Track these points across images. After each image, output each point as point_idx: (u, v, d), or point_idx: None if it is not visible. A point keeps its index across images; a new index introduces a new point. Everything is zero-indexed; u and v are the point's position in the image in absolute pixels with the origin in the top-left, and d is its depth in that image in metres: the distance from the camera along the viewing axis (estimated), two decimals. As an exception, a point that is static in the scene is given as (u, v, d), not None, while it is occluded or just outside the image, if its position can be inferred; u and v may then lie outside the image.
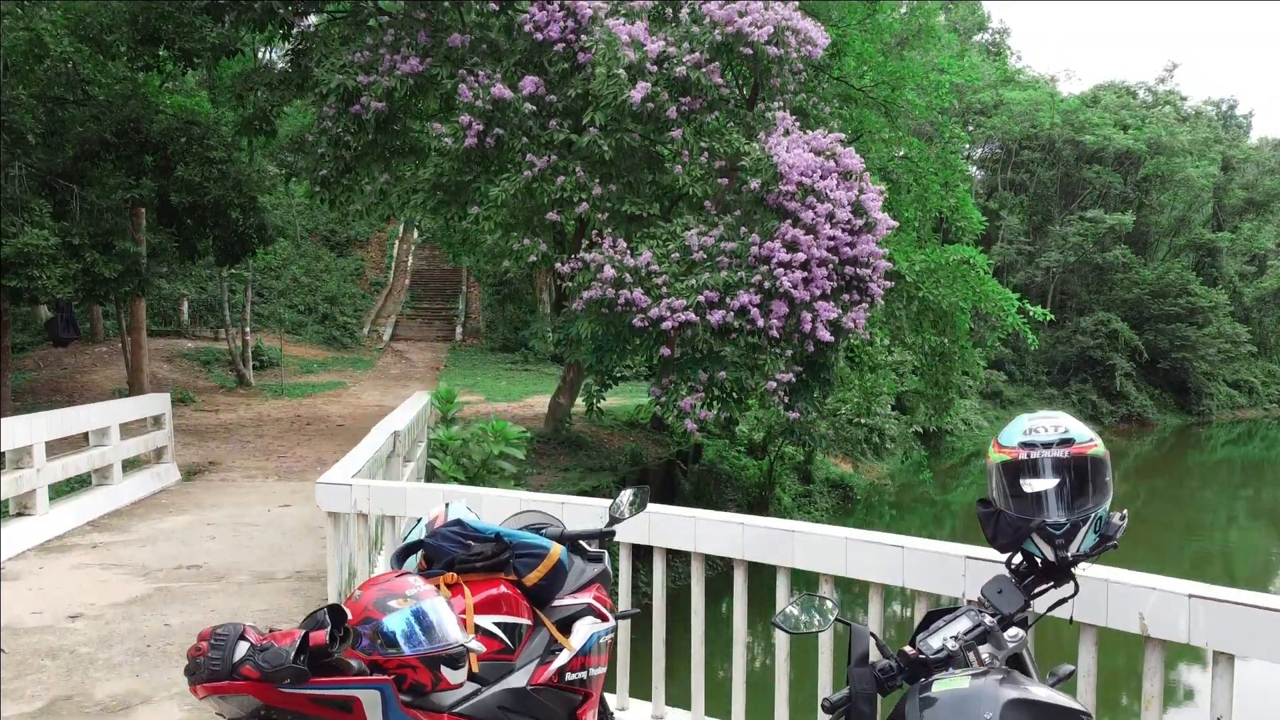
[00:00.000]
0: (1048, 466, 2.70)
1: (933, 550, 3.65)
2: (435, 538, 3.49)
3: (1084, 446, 2.73)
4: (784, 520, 4.23)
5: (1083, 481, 2.70)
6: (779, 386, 15.31)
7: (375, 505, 5.29)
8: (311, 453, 17.27)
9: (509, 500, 5.01)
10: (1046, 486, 2.71)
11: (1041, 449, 2.71)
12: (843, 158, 16.35)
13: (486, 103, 15.26)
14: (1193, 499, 50.35)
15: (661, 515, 4.42)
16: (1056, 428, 2.78)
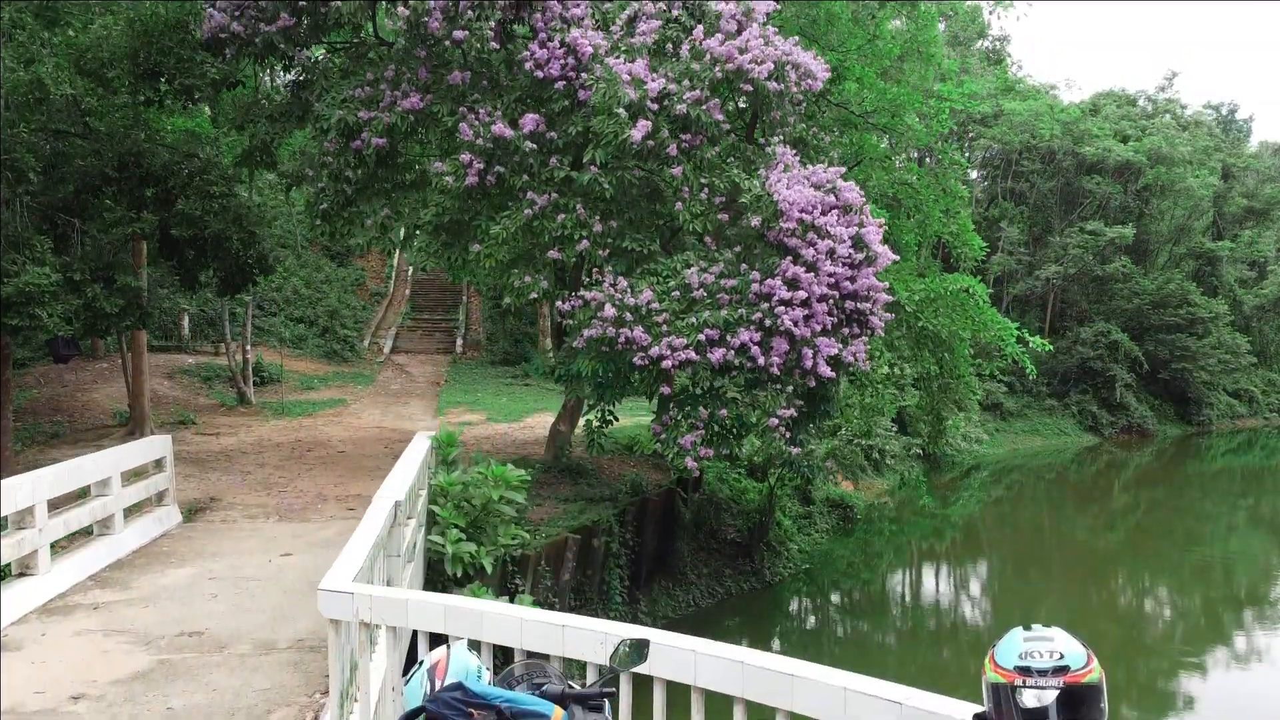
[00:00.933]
0: (1043, 695, 2.73)
1: (932, 711, 3.66)
2: (437, 704, 3.52)
3: (1079, 674, 2.76)
4: (786, 661, 4.23)
5: (1076, 707, 2.73)
6: (780, 423, 15.35)
7: (377, 615, 5.31)
8: (312, 486, 17.29)
9: (510, 621, 5.02)
10: (1041, 710, 2.74)
11: (1037, 676, 2.74)
12: (843, 192, 16.37)
13: (487, 140, 15.28)
14: (1193, 509, 50.36)
15: (661, 647, 4.43)
16: (1052, 653, 2.80)
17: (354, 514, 15.06)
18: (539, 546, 14.68)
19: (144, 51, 16.10)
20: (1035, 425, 50.51)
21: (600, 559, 16.89)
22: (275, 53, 17.21)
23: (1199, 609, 34.61)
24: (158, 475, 13.25)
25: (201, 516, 14.57)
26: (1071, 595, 33.75)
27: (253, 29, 16.85)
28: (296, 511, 14.97)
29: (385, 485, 9.21)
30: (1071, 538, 42.57)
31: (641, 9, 16.49)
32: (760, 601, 21.24)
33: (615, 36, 16.10)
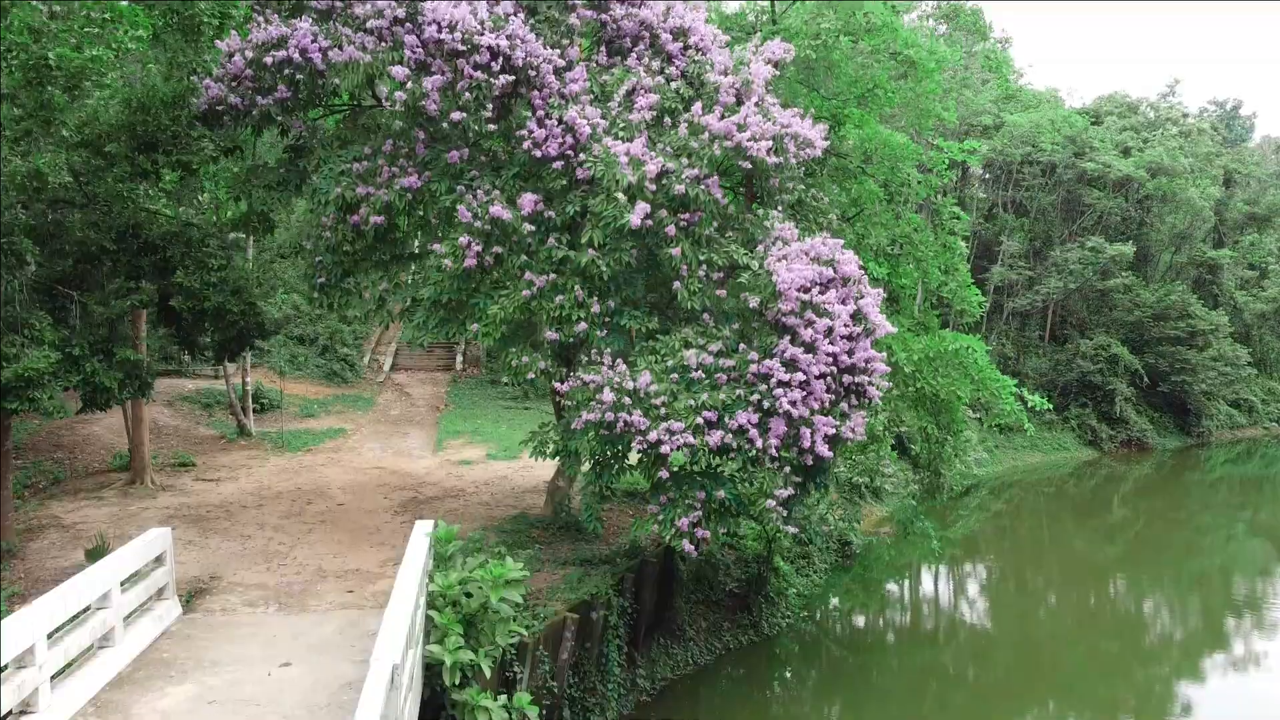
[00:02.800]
0: None
1: None
2: None
3: None
4: None
5: None
6: (777, 503, 15.41)
7: None
8: (311, 556, 17.33)
9: None
10: None
11: None
12: (842, 266, 16.36)
13: (485, 222, 15.28)
14: (1191, 520, 50.51)
15: None
16: None
17: (353, 598, 15.13)
18: (537, 632, 14.74)
19: (141, 125, 16.06)
20: (1035, 440, 50.49)
21: (599, 631, 16.95)
22: (272, 123, 17.20)
23: (1197, 618, 35.04)
24: (158, 571, 13.29)
25: (201, 603, 14.61)
26: (1072, 608, 34.11)
27: (250, 101, 16.84)
28: (295, 596, 15.00)
29: (381, 640, 9.22)
30: (1071, 551, 42.74)
31: (640, 82, 16.45)
32: (758, 655, 21.32)
33: (614, 111, 16.08)
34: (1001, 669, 27.21)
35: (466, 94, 15.21)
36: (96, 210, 16.72)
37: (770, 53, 18.38)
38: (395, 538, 18.95)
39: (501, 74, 15.31)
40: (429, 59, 15.35)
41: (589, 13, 16.72)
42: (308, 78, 16.66)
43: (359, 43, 15.97)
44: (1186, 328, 54.72)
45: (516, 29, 15.45)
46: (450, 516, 20.79)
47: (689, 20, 17.52)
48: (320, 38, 16.61)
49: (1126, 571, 39.83)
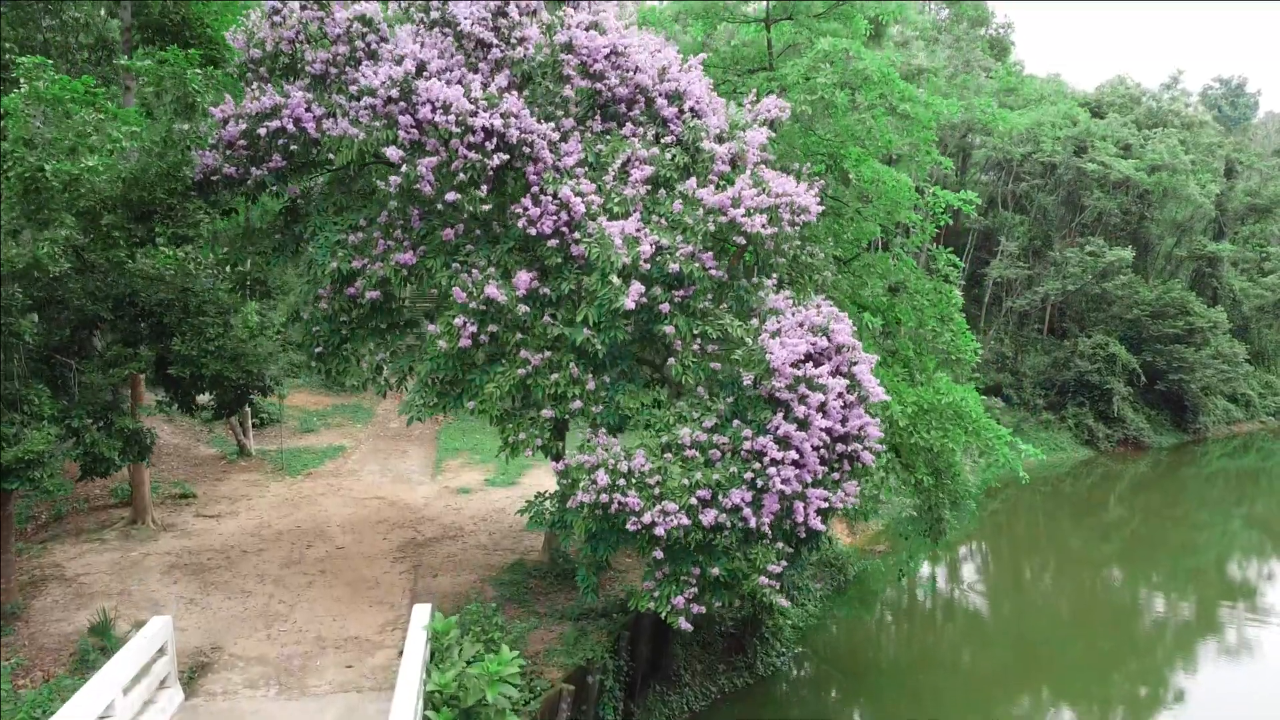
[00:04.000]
0: None
1: None
2: None
3: None
4: None
5: None
6: (770, 579, 15.61)
7: None
8: (312, 621, 17.55)
9: None
10: None
11: None
12: (835, 335, 16.46)
13: (480, 302, 15.34)
14: (1188, 517, 50.95)
15: None
16: None
17: (353, 675, 15.36)
18: (534, 711, 14.99)
19: (136, 198, 16.08)
20: (1031, 440, 50.58)
21: (595, 695, 17.22)
22: (266, 191, 17.21)
23: (1192, 609, 36.00)
24: (160, 662, 13.53)
25: (202, 683, 14.85)
26: (1068, 604, 34.88)
27: (244, 170, 16.84)
28: (295, 674, 15.24)
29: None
30: (1067, 549, 43.33)
31: (635, 154, 16.43)
32: (753, 698, 21.64)
33: (609, 185, 16.08)
34: (998, 663, 28.04)
35: (461, 174, 15.20)
36: (94, 279, 16.76)
37: (766, 111, 18.36)
38: (394, 593, 19.21)
39: (496, 153, 15.29)
40: (423, 138, 15.32)
41: (584, 82, 16.64)
42: (302, 147, 16.67)
43: (353, 114, 15.94)
44: (1185, 325, 54.74)
45: (511, 106, 15.40)
46: (449, 565, 21.05)
47: (684, 83, 17.42)
48: (314, 106, 16.60)
49: (1123, 567, 40.63)
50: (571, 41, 16.55)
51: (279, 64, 17.61)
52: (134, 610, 17.89)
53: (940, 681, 24.94)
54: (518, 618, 18.59)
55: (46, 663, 16.04)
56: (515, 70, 16.48)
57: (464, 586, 19.65)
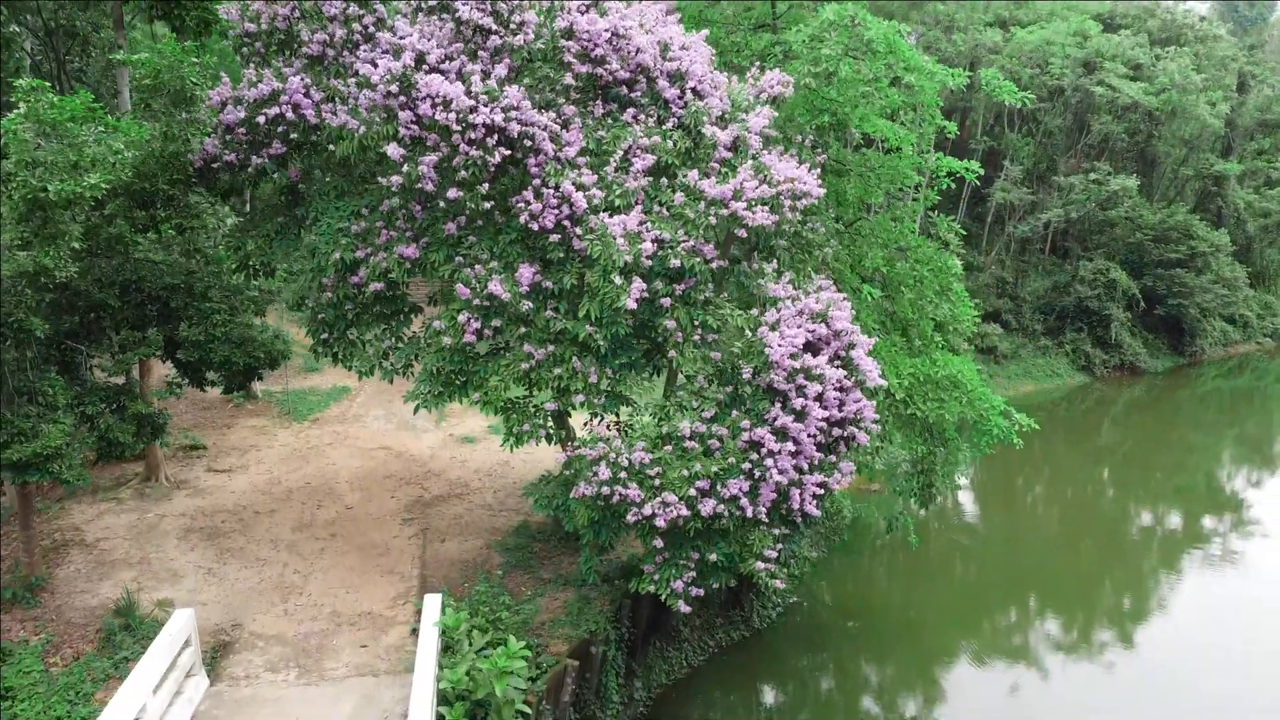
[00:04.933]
0: None
1: None
2: None
3: None
4: None
5: None
6: (766, 565, 16.22)
7: None
8: (326, 594, 18.23)
9: None
10: None
11: None
12: (834, 322, 16.70)
13: (483, 299, 15.52)
14: (1180, 439, 52.02)
15: None
16: None
17: (368, 656, 16.09)
18: (540, 690, 15.76)
19: (137, 187, 16.11)
20: (1028, 367, 51.24)
21: (598, 664, 18.03)
22: (267, 178, 17.19)
23: (1179, 525, 38.21)
24: (186, 653, 14.21)
25: (225, 666, 15.59)
26: (1058, 521, 36.80)
27: (245, 157, 16.81)
28: (313, 655, 15.97)
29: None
30: (1060, 470, 44.63)
31: (636, 142, 16.36)
32: (749, 650, 22.60)
33: (610, 176, 16.05)
34: (987, 579, 29.73)
35: (463, 171, 15.19)
36: (99, 266, 16.90)
37: (769, 86, 18.18)
38: (404, 561, 19.88)
39: (498, 148, 15.25)
40: (424, 134, 15.26)
41: (584, 67, 16.44)
42: (301, 134, 16.60)
43: (352, 102, 15.83)
44: (1187, 250, 54.57)
45: (512, 98, 15.27)
46: (456, 528, 21.70)
47: (686, 63, 17.21)
48: (313, 90, 16.47)
49: (1114, 487, 42.26)
50: (572, 27, 16.31)
51: (275, 40, 17.39)
52: (154, 582, 18.60)
53: (930, 599, 26.06)
54: (524, 585, 19.32)
55: (74, 639, 16.78)
56: (515, 57, 16.27)
57: (471, 553, 20.33)
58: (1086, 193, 51.44)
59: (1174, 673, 23.53)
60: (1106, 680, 23.05)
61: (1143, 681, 23.01)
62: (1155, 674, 23.43)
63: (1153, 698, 22.19)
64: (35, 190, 12.36)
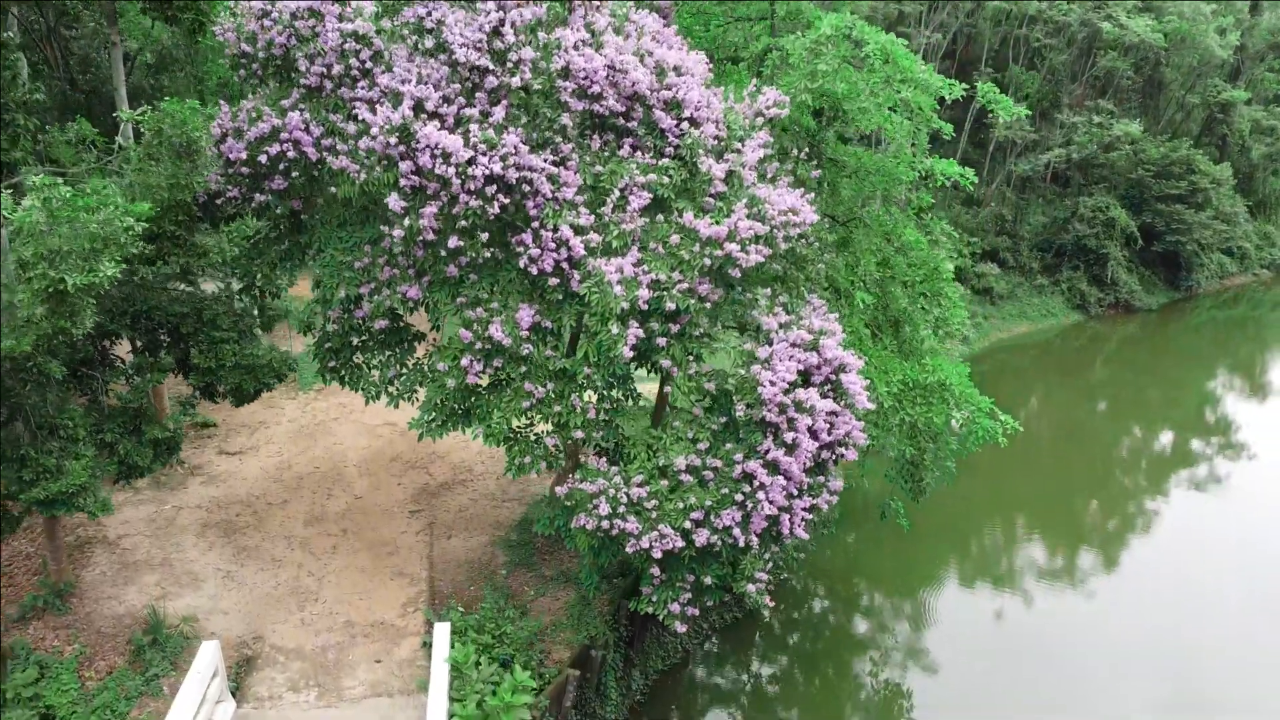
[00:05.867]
0: None
1: None
2: None
3: None
4: None
5: None
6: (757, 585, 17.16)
7: None
8: (340, 601, 19.25)
9: None
10: None
11: None
12: (825, 350, 17.25)
13: (485, 342, 16.02)
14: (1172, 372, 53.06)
15: None
16: None
17: (383, 672, 17.18)
18: (544, 705, 16.89)
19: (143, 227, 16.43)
20: (1024, 308, 51.67)
21: (598, 665, 19.17)
22: (270, 213, 17.49)
23: (1166, 449, 41.29)
24: (214, 683, 15.24)
25: (249, 684, 16.67)
26: (1047, 451, 39.23)
27: (248, 193, 17.08)
28: (331, 671, 17.05)
29: None
30: (1051, 404, 46.30)
31: (633, 180, 16.60)
32: (742, 631, 23.87)
33: (607, 216, 16.36)
34: (975, 502, 31.43)
35: (462, 221, 15.51)
36: (110, 297, 17.33)
37: (765, 107, 18.31)
38: (412, 560, 20.86)
39: (497, 197, 15.52)
40: (424, 183, 15.51)
41: (581, 104, 16.54)
42: (302, 171, 16.83)
43: (351, 143, 16.01)
44: (1188, 185, 54.34)
45: (510, 146, 15.47)
46: (461, 521, 22.64)
47: (682, 91, 17.27)
48: (313, 126, 16.62)
49: (1105, 416, 44.19)
50: (569, 66, 16.36)
51: (271, 65, 17.45)
52: (177, 587, 19.59)
53: (921, 530, 27.44)
54: (527, 585, 20.37)
55: (105, 650, 17.85)
56: (513, 97, 16.36)
57: (476, 551, 21.30)
58: (1089, 135, 51.00)
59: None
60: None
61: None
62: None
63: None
64: (54, 282, 12.79)
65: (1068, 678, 23.14)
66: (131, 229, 13.40)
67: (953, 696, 22.53)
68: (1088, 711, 21.94)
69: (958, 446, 22.09)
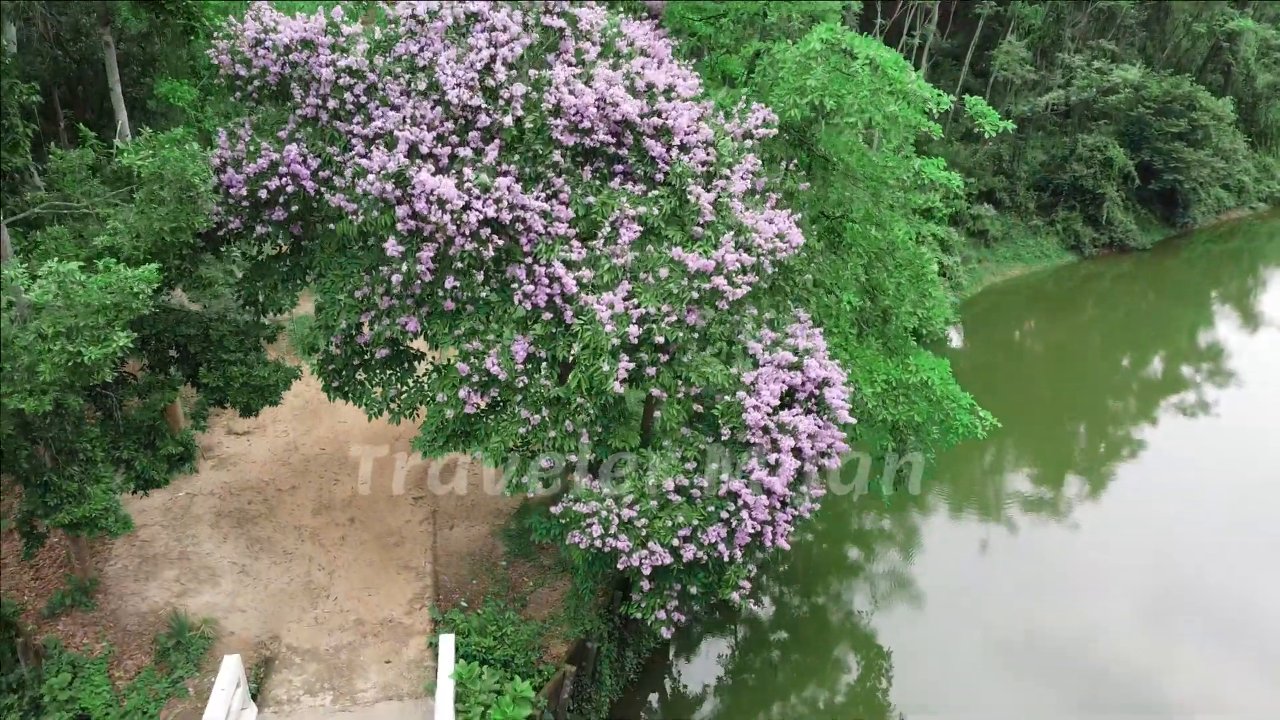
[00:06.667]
0: None
1: None
2: None
3: None
4: None
5: None
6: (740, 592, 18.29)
7: None
8: (350, 597, 20.44)
9: None
10: None
11: None
12: (809, 370, 18.04)
13: (482, 374, 16.76)
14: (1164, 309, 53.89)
15: None
16: None
17: (393, 673, 18.44)
18: (542, 703, 18.20)
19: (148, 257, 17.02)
20: (1018, 250, 51.95)
21: (594, 656, 20.46)
22: (271, 241, 18.01)
23: (1155, 377, 44.51)
24: (238, 693, 16.48)
25: (270, 688, 17.94)
26: (1038, 382, 42.15)
27: (249, 224, 17.59)
28: (344, 673, 18.31)
29: None
30: (1042, 340, 47.73)
31: (624, 213, 17.08)
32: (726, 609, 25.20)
33: (599, 250, 16.90)
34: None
35: (459, 263, 16.07)
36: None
37: (754, 127, 18.66)
38: (417, 553, 21.98)
39: (491, 239, 16.05)
40: (421, 225, 16.01)
41: (572, 139, 16.89)
42: (301, 203, 17.31)
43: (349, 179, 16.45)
44: (1189, 123, 53.96)
45: (503, 188, 15.92)
46: (462, 511, 23.70)
47: (671, 119, 17.60)
48: (310, 158, 17.03)
49: (1096, 351, 45.98)
50: (559, 104, 16.66)
51: (267, 90, 17.76)
52: (195, 583, 20.76)
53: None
54: (526, 575, 21.56)
55: (132, 648, 19.11)
56: (506, 135, 16.72)
57: (477, 542, 22.42)
58: (1088, 80, 50.48)
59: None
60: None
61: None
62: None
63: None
64: (73, 356, 13.48)
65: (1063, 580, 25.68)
66: (142, 293, 14.01)
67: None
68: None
69: (938, 436, 22.96)
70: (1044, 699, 23.05)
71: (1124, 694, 23.14)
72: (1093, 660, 24.15)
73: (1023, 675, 23.86)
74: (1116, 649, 24.53)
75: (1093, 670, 23.89)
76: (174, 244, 16.69)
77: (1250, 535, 29.32)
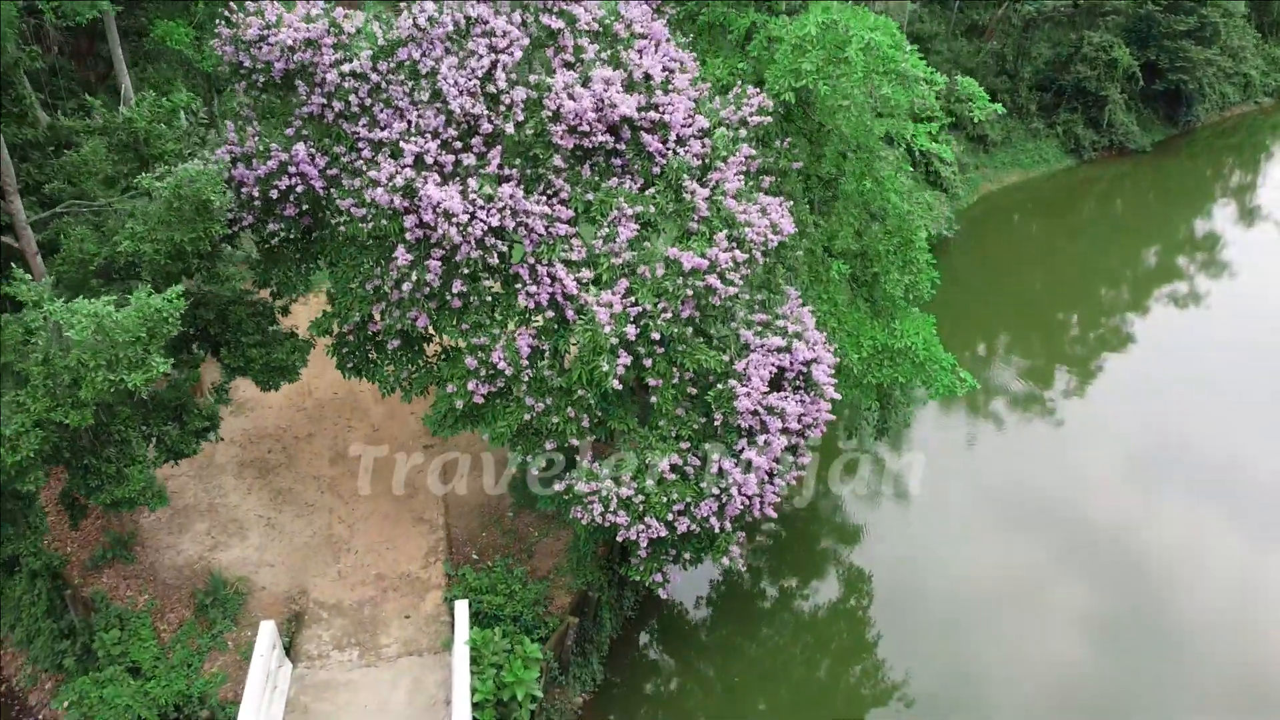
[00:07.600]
0: None
1: None
2: None
3: None
4: None
5: None
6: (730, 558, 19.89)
7: None
8: (370, 552, 22.06)
9: None
10: None
11: None
12: (797, 353, 19.14)
13: (489, 368, 17.84)
14: (1160, 209, 54.38)
15: None
16: None
17: (412, 629, 20.21)
18: (549, 655, 20.03)
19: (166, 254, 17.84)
20: (1017, 155, 51.81)
21: (595, 604, 22.23)
22: (282, 237, 18.76)
23: (1148, 271, 47.18)
24: (274, 652, 18.24)
25: (301, 643, 19.72)
26: (1032, 277, 44.75)
27: (262, 220, 18.31)
28: (368, 628, 20.08)
29: None
30: (1037, 240, 49.20)
31: (622, 211, 17.80)
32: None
33: (598, 248, 17.71)
34: (958, 323, 35.98)
35: (465, 269, 16.91)
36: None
37: (749, 112, 19.16)
38: (429, 506, 23.50)
39: (495, 246, 16.84)
40: (428, 233, 16.76)
41: (571, 142, 17.42)
42: (312, 202, 18.00)
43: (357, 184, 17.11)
44: (1198, 19, 52.92)
45: (507, 196, 16.61)
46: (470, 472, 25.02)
47: (668, 114, 18.09)
48: (317, 157, 17.63)
49: (1091, 248, 47.93)
50: (559, 110, 17.13)
51: (271, 85, 18.19)
52: (225, 536, 22.37)
53: None
54: (532, 526, 23.19)
55: (173, 602, 20.86)
56: (507, 141, 17.25)
57: (485, 494, 23.93)
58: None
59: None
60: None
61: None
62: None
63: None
64: (115, 383, 14.54)
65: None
66: (171, 317, 14.96)
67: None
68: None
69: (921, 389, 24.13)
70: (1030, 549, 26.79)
71: (1104, 546, 26.98)
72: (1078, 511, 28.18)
73: (1009, 526, 27.51)
74: (1100, 502, 28.61)
75: (1074, 520, 27.81)
76: (193, 251, 17.48)
77: (1236, 400, 33.73)
